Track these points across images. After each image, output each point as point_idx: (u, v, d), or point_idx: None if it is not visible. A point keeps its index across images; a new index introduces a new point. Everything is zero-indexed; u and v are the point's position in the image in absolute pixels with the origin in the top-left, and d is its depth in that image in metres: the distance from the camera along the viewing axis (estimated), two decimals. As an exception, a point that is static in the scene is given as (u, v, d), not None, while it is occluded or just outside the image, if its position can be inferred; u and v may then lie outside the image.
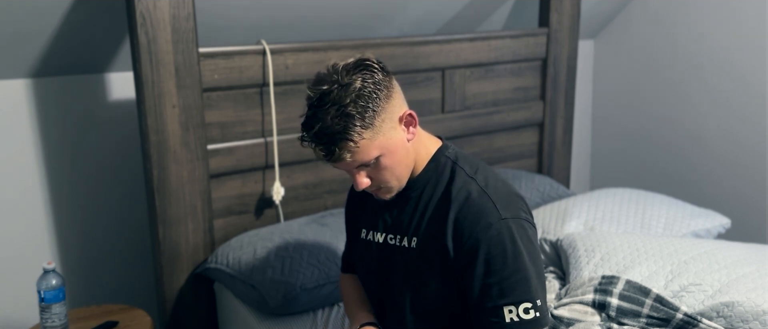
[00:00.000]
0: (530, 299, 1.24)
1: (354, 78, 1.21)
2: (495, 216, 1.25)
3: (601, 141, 3.42)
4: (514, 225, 1.26)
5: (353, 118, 1.19)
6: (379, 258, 1.42)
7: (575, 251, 1.92)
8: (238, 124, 2.07)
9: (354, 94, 1.19)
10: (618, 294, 1.66)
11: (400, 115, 1.27)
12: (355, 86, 1.20)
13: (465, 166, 1.33)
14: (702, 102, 2.92)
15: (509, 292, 1.23)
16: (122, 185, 2.30)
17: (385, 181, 1.30)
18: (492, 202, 1.26)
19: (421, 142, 1.35)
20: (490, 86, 2.58)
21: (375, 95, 1.21)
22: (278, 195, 2.14)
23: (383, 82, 1.24)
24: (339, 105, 1.19)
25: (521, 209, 1.30)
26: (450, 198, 1.29)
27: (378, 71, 1.24)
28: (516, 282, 1.23)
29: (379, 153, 1.24)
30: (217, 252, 2.02)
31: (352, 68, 1.22)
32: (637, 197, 2.35)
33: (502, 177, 1.36)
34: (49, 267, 1.72)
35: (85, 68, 2.15)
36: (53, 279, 1.71)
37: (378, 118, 1.22)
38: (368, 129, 1.21)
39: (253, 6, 2.10)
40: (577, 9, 2.71)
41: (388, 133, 1.24)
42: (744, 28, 2.72)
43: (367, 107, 1.20)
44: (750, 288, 1.64)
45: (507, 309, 1.23)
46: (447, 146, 1.38)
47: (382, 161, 1.26)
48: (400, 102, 1.28)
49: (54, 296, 1.71)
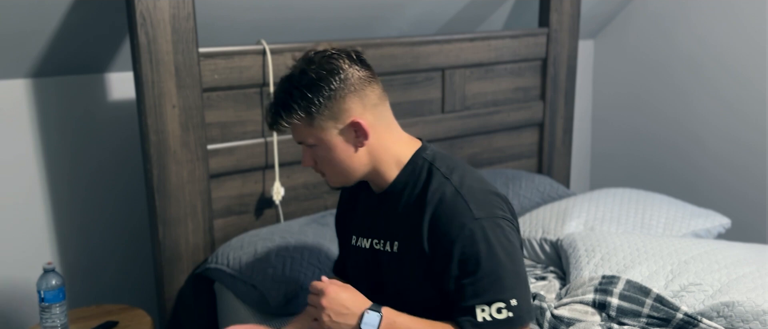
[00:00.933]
0: (503, 299, 1.23)
1: (317, 68, 1.26)
2: (468, 217, 1.25)
3: (601, 141, 3.42)
4: (488, 224, 1.26)
5: (294, 100, 1.26)
6: (367, 264, 1.42)
7: (575, 251, 1.92)
8: (238, 124, 2.07)
9: (306, 81, 1.26)
10: (618, 294, 1.66)
11: (350, 119, 1.28)
12: (310, 76, 1.26)
13: (441, 167, 1.33)
14: (702, 102, 2.92)
15: (482, 292, 1.23)
16: (122, 185, 2.30)
17: (324, 170, 1.35)
18: (465, 202, 1.26)
19: (387, 148, 1.34)
20: (490, 86, 2.58)
21: (325, 91, 1.25)
22: (278, 195, 2.14)
23: (344, 82, 1.26)
24: (290, 84, 1.27)
25: (497, 207, 1.30)
26: (425, 199, 1.30)
27: (346, 70, 1.27)
28: (489, 282, 1.24)
29: (314, 142, 1.30)
30: (217, 252, 2.02)
31: (325, 57, 1.27)
32: (637, 197, 2.35)
33: (480, 177, 1.36)
34: (49, 267, 1.71)
35: (85, 68, 2.15)
36: (53, 279, 1.70)
37: (318, 113, 1.26)
38: (305, 116, 1.27)
39: (253, 6, 2.09)
40: (577, 9, 2.71)
41: (327, 129, 1.28)
42: (744, 28, 2.72)
43: (308, 97, 1.25)
44: (750, 288, 1.64)
45: (479, 308, 1.23)
46: (425, 148, 1.38)
47: (318, 151, 1.31)
48: (357, 107, 1.28)
49: (54, 296, 1.70)
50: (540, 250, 2.13)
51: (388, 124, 1.35)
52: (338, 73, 1.26)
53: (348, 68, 1.27)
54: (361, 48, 1.34)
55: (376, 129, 1.31)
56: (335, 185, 1.38)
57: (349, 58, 1.29)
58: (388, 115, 1.35)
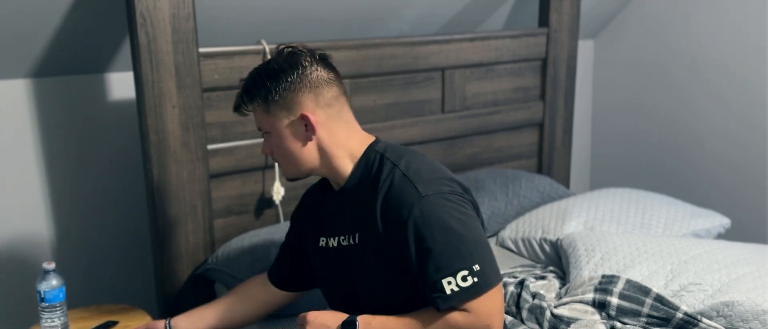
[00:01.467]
0: (465, 266, 1.26)
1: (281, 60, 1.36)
2: (415, 196, 1.29)
3: (601, 141, 3.42)
4: (436, 199, 1.29)
5: (255, 86, 1.36)
6: (336, 264, 1.45)
7: (575, 251, 1.92)
8: (238, 124, 2.07)
9: (269, 71, 1.36)
10: (618, 294, 1.66)
11: (300, 113, 1.35)
12: (273, 67, 1.36)
13: (391, 156, 1.37)
14: (702, 101, 2.92)
15: (444, 265, 1.26)
16: (122, 185, 2.30)
17: (278, 159, 1.43)
18: (412, 184, 1.30)
19: (340, 144, 1.39)
20: (490, 86, 2.58)
21: (282, 82, 1.34)
22: (278, 195, 2.14)
23: (301, 77, 1.35)
24: (257, 73, 1.38)
25: (444, 186, 1.33)
26: (377, 187, 1.34)
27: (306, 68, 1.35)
28: (448, 254, 1.26)
29: (268, 130, 1.39)
30: (217, 253, 2.02)
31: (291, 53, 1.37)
32: (637, 197, 2.35)
33: (430, 163, 1.39)
34: (49, 267, 1.71)
35: (85, 68, 2.15)
36: (53, 279, 1.70)
37: (273, 101, 1.35)
38: (262, 103, 1.36)
39: (253, 6, 2.10)
40: (577, 9, 2.71)
41: (279, 118, 1.36)
42: (743, 29, 2.72)
43: (269, 86, 1.34)
44: (750, 288, 1.64)
45: (445, 281, 1.26)
46: (377, 141, 1.43)
47: (271, 139, 1.40)
48: (309, 102, 1.35)
49: (54, 296, 1.70)
50: (540, 250, 2.13)
51: (345, 123, 1.40)
52: (297, 69, 1.35)
53: (308, 66, 1.36)
54: (329, 53, 1.43)
55: (326, 126, 1.37)
56: (289, 176, 1.44)
57: (313, 57, 1.37)
58: (345, 116, 1.41)
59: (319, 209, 1.51)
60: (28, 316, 2.22)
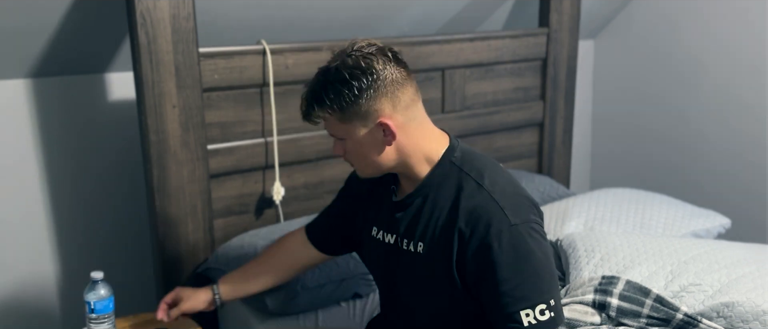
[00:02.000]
0: (545, 300, 1.25)
1: (352, 65, 1.27)
2: (505, 224, 1.26)
3: (601, 141, 3.42)
4: (524, 229, 1.27)
5: (327, 95, 1.28)
6: (387, 259, 1.43)
7: (575, 251, 1.92)
8: (238, 124, 2.07)
9: (341, 78, 1.27)
10: (618, 295, 1.66)
11: (379, 119, 1.29)
12: (344, 74, 1.27)
13: (472, 172, 1.33)
14: (702, 102, 2.92)
15: (524, 297, 1.25)
16: (122, 185, 2.30)
17: (353, 162, 1.38)
18: (501, 209, 1.27)
19: (418, 146, 1.35)
20: (490, 86, 2.58)
21: (356, 90, 1.26)
22: (278, 195, 2.14)
23: (377, 83, 1.27)
24: (326, 79, 1.29)
25: (530, 212, 1.31)
26: (458, 207, 1.30)
27: (379, 72, 1.27)
28: (530, 286, 1.25)
29: (343, 136, 1.33)
30: (217, 252, 2.02)
31: (361, 56, 1.28)
32: (636, 197, 2.35)
33: (509, 177, 1.36)
34: (98, 276, 1.63)
35: (85, 68, 2.15)
36: (102, 288, 1.63)
37: (349, 109, 1.28)
38: (337, 111, 1.29)
39: (253, 6, 2.09)
40: (577, 9, 2.71)
41: (356, 126, 1.30)
42: (743, 29, 2.72)
43: (343, 94, 1.27)
44: (750, 288, 1.64)
45: (523, 312, 1.24)
46: (453, 148, 1.37)
47: (347, 144, 1.34)
48: (386, 107, 1.29)
49: (104, 306, 1.63)
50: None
51: (421, 122, 1.36)
52: (372, 73, 1.27)
53: (381, 69, 1.28)
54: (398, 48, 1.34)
55: (405, 129, 1.32)
56: (362, 175, 1.41)
57: (384, 57, 1.29)
58: (420, 114, 1.36)
59: (380, 197, 1.47)
60: (27, 316, 2.22)
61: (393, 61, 1.30)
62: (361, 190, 1.53)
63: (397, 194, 1.43)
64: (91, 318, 1.63)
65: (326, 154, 2.23)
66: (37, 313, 2.25)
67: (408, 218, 1.38)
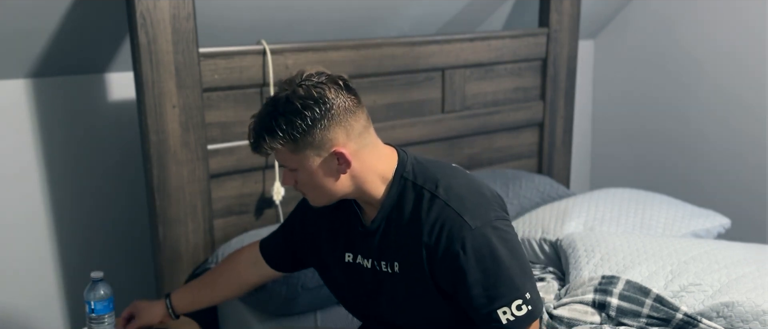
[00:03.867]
0: (519, 295, 1.28)
1: (303, 95, 1.25)
2: (466, 229, 1.27)
3: (601, 141, 3.42)
4: (487, 230, 1.28)
5: (279, 126, 1.25)
6: (368, 282, 1.43)
7: (575, 251, 1.92)
8: (238, 124, 2.07)
9: (292, 108, 1.24)
10: (618, 294, 1.66)
11: (333, 148, 1.28)
12: (296, 104, 1.24)
13: (426, 184, 1.33)
14: (701, 102, 2.92)
15: (499, 296, 1.27)
16: (122, 185, 2.30)
17: (306, 192, 1.36)
18: (459, 215, 1.28)
19: (371, 169, 1.33)
20: (490, 86, 2.58)
21: (309, 120, 1.24)
22: (278, 195, 2.14)
23: (330, 112, 1.25)
24: (275, 108, 1.26)
25: (489, 209, 1.31)
26: (420, 221, 1.31)
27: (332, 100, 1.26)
28: (502, 284, 1.27)
29: (296, 167, 1.31)
30: (218, 252, 2.02)
31: (312, 85, 1.26)
32: (636, 197, 2.35)
33: (464, 178, 1.36)
34: (98, 276, 1.63)
35: (85, 68, 2.15)
36: (102, 289, 1.63)
37: (302, 139, 1.26)
38: (289, 142, 1.26)
39: (253, 6, 2.10)
40: (577, 9, 2.71)
41: (309, 156, 1.28)
42: (744, 29, 2.72)
43: (295, 124, 1.24)
44: (750, 288, 1.64)
45: (500, 311, 1.27)
46: (403, 163, 1.36)
47: (299, 175, 1.32)
48: (340, 136, 1.28)
49: (104, 307, 1.63)
50: (539, 250, 2.13)
51: (374, 146, 1.35)
52: (324, 103, 1.25)
53: (334, 98, 1.26)
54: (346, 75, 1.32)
55: (359, 155, 1.31)
56: (316, 204, 1.39)
57: (336, 85, 1.28)
58: (372, 139, 1.35)
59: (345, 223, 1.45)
60: (27, 316, 2.22)
61: (344, 89, 1.28)
62: (320, 214, 1.50)
63: (363, 219, 1.42)
64: (91, 318, 1.63)
65: (326, 154, 2.23)
66: (37, 313, 2.25)
67: (378, 241, 1.38)
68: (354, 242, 1.43)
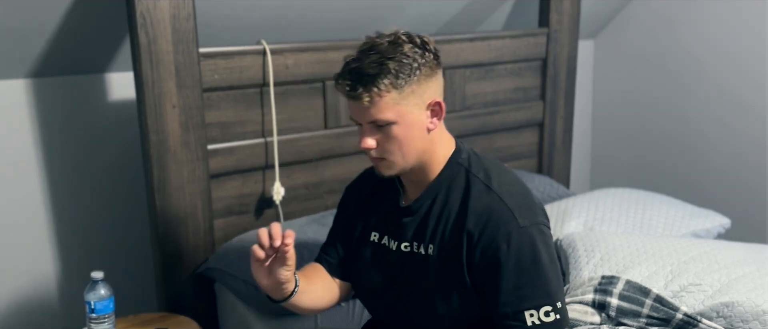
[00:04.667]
0: (550, 302, 1.26)
1: (406, 44, 1.25)
2: (513, 225, 1.26)
3: (601, 141, 3.42)
4: (533, 231, 1.27)
5: (388, 72, 1.22)
6: (390, 265, 1.41)
7: (575, 251, 1.92)
8: (238, 124, 2.07)
9: (399, 54, 1.23)
10: (618, 294, 1.66)
11: (430, 100, 1.28)
12: (403, 49, 1.24)
13: (479, 173, 1.33)
14: (701, 102, 2.92)
15: (530, 297, 1.25)
16: (122, 185, 2.30)
17: (389, 152, 1.29)
18: (510, 210, 1.27)
19: (440, 140, 1.34)
20: (490, 86, 2.58)
21: (416, 67, 1.24)
22: (278, 195, 2.14)
23: (428, 64, 1.26)
24: (382, 55, 1.23)
25: (538, 214, 1.32)
26: (467, 209, 1.30)
27: (429, 53, 1.27)
28: (536, 287, 1.25)
29: (394, 119, 1.25)
30: (217, 252, 2.02)
31: (409, 37, 1.27)
32: (636, 197, 2.35)
33: (515, 178, 1.37)
34: (98, 276, 1.63)
35: (85, 68, 2.15)
36: (102, 288, 1.63)
37: (408, 87, 1.24)
38: (395, 89, 1.23)
39: (253, 6, 2.10)
40: (577, 9, 2.71)
41: (411, 106, 1.26)
42: (745, 30, 2.72)
43: (403, 71, 1.23)
44: (750, 288, 1.64)
45: (528, 313, 1.25)
46: (460, 150, 1.37)
47: (393, 129, 1.27)
48: (436, 89, 1.29)
49: (104, 306, 1.64)
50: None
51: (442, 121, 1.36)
52: (428, 51, 1.26)
53: (430, 52, 1.27)
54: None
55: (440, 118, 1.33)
56: (390, 171, 1.32)
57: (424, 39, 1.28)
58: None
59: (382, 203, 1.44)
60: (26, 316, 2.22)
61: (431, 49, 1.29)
62: (359, 201, 1.50)
63: (403, 198, 1.42)
64: (91, 318, 1.63)
65: (326, 154, 2.23)
66: (37, 313, 2.25)
67: (417, 222, 1.37)
68: (386, 222, 1.42)
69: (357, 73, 1.24)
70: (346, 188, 1.59)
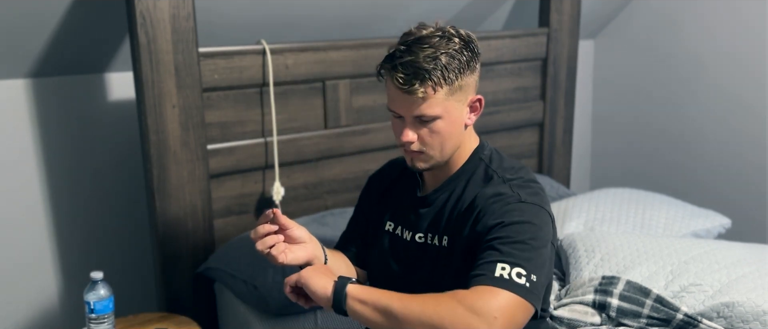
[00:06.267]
0: (527, 268, 1.16)
1: (455, 38, 1.26)
2: (514, 198, 1.26)
3: (601, 141, 3.42)
4: (535, 209, 1.26)
5: (443, 67, 1.23)
6: (402, 255, 1.41)
7: (575, 251, 1.92)
8: (238, 124, 2.07)
9: (453, 50, 1.24)
10: (618, 295, 1.66)
11: (471, 96, 1.30)
12: (456, 45, 1.25)
13: (498, 170, 1.34)
14: (702, 102, 2.92)
15: (508, 254, 1.18)
16: (122, 185, 2.30)
17: (430, 146, 1.30)
18: (518, 196, 1.27)
19: (469, 135, 1.37)
20: (490, 86, 2.58)
21: (466, 63, 1.26)
22: (278, 195, 2.14)
23: (474, 60, 1.28)
24: (436, 49, 1.23)
25: (546, 203, 1.31)
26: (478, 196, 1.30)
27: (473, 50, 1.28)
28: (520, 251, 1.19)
29: (441, 113, 1.27)
30: (217, 252, 2.02)
31: (457, 31, 1.28)
32: (637, 197, 2.35)
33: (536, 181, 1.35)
34: (98, 276, 1.63)
35: (85, 68, 2.15)
36: (102, 289, 1.63)
37: (457, 83, 1.25)
38: (446, 85, 1.24)
39: (253, 6, 2.09)
40: (577, 9, 2.71)
41: (456, 102, 1.28)
42: (745, 30, 2.72)
43: (454, 67, 1.24)
44: (750, 289, 1.64)
45: (500, 265, 1.16)
46: (483, 146, 1.39)
47: (438, 124, 1.28)
48: (475, 84, 1.32)
49: (104, 307, 1.64)
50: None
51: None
52: (469, 48, 1.27)
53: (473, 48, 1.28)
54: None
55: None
56: (425, 165, 1.33)
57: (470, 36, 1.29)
58: None
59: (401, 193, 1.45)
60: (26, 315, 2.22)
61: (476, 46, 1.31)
62: (381, 191, 1.52)
63: (421, 188, 1.43)
64: (91, 318, 1.63)
65: (326, 154, 2.23)
66: (37, 313, 2.25)
67: (433, 213, 1.37)
68: (402, 211, 1.43)
69: (412, 66, 1.23)
70: (369, 178, 1.59)
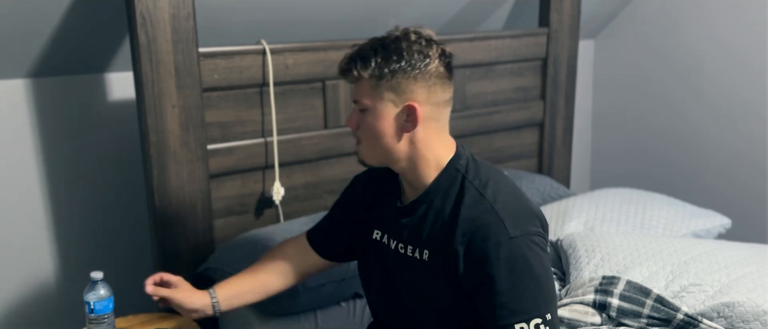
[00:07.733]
0: (540, 315, 1.23)
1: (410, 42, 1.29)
2: (504, 236, 1.24)
3: (601, 141, 3.42)
4: (524, 242, 1.25)
5: (374, 56, 1.28)
6: (390, 264, 1.42)
7: (575, 251, 1.92)
8: (238, 124, 2.07)
9: (396, 47, 1.28)
10: (618, 295, 1.66)
11: (409, 101, 1.29)
12: (403, 45, 1.29)
13: (475, 181, 1.32)
14: (702, 102, 2.92)
15: (520, 310, 1.23)
16: (122, 185, 2.30)
17: (361, 139, 1.36)
18: (501, 220, 1.25)
19: (431, 145, 1.33)
20: (490, 86, 2.58)
21: (405, 66, 1.27)
22: (278, 195, 2.14)
23: (425, 68, 1.29)
24: (381, 43, 1.30)
25: (531, 224, 1.30)
26: (458, 215, 1.29)
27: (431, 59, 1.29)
28: (526, 299, 1.23)
29: (368, 105, 1.31)
30: (217, 252, 2.02)
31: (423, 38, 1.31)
32: (637, 197, 2.35)
33: (513, 188, 1.35)
34: (98, 276, 1.62)
35: (85, 68, 2.15)
36: (102, 289, 1.62)
37: (389, 80, 1.28)
38: (375, 76, 1.28)
39: (253, 6, 2.09)
40: (577, 9, 2.71)
41: (385, 99, 1.30)
42: (745, 30, 2.72)
43: (389, 63, 1.27)
44: (750, 289, 1.64)
45: (518, 326, 1.23)
46: (460, 156, 1.37)
47: (367, 118, 1.32)
48: (422, 94, 1.29)
49: (104, 307, 1.63)
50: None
51: (441, 127, 1.35)
52: (425, 57, 1.29)
53: (434, 57, 1.30)
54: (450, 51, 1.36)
55: (426, 123, 1.31)
56: (365, 158, 1.38)
57: (441, 53, 1.32)
58: (444, 119, 1.35)
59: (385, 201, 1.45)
60: (26, 316, 2.22)
61: (446, 58, 1.33)
62: (366, 194, 1.51)
63: (402, 200, 1.42)
64: (91, 318, 1.63)
65: (326, 154, 2.23)
66: (37, 313, 2.25)
67: (412, 224, 1.36)
68: (387, 220, 1.43)
69: (354, 52, 1.32)
70: (354, 177, 1.60)
